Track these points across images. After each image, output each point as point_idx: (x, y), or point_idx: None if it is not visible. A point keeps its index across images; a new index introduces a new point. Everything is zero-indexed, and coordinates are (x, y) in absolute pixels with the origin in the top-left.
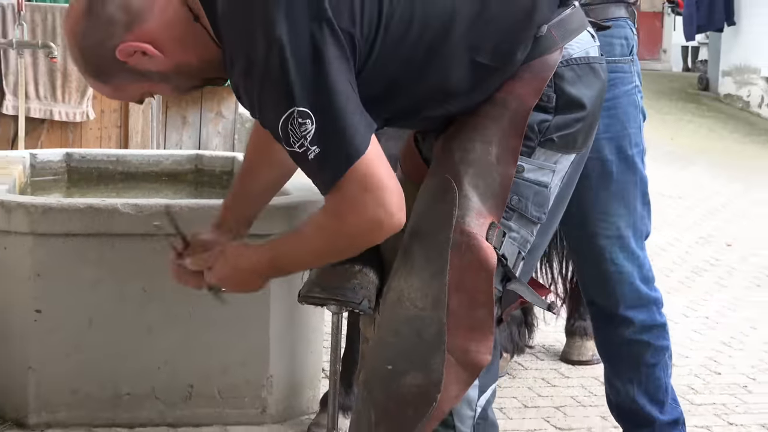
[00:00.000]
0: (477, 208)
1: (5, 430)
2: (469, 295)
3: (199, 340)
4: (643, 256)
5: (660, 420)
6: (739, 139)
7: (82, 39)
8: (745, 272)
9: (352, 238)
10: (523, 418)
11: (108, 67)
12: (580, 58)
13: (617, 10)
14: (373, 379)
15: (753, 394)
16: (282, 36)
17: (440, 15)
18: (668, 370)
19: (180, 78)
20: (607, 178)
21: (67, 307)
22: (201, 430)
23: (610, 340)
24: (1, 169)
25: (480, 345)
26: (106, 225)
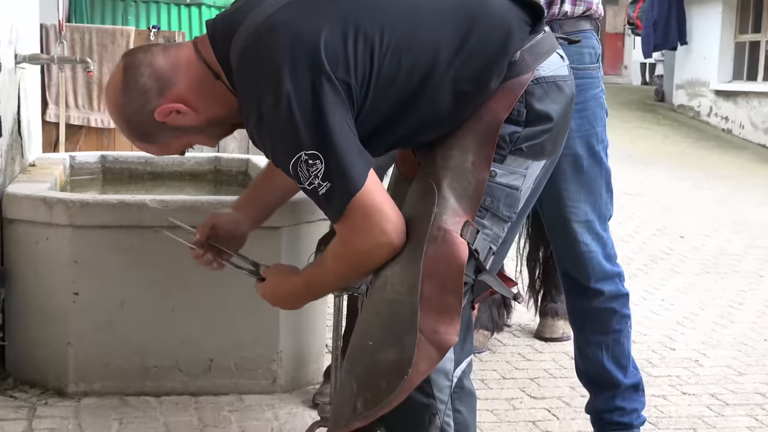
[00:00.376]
0: (453, 208)
1: (47, 398)
2: (441, 283)
3: (217, 319)
4: (606, 236)
5: (624, 383)
6: (690, 144)
7: (124, 110)
8: (695, 260)
9: (363, 259)
10: (501, 388)
11: (151, 130)
12: (548, 77)
13: (585, 23)
14: (355, 353)
15: (703, 367)
16: (288, 91)
17: (425, 55)
18: (630, 339)
19: (212, 128)
20: (579, 171)
21: (101, 290)
22: (219, 399)
23: (582, 309)
24: (44, 169)
25: (448, 327)
26: (135, 218)
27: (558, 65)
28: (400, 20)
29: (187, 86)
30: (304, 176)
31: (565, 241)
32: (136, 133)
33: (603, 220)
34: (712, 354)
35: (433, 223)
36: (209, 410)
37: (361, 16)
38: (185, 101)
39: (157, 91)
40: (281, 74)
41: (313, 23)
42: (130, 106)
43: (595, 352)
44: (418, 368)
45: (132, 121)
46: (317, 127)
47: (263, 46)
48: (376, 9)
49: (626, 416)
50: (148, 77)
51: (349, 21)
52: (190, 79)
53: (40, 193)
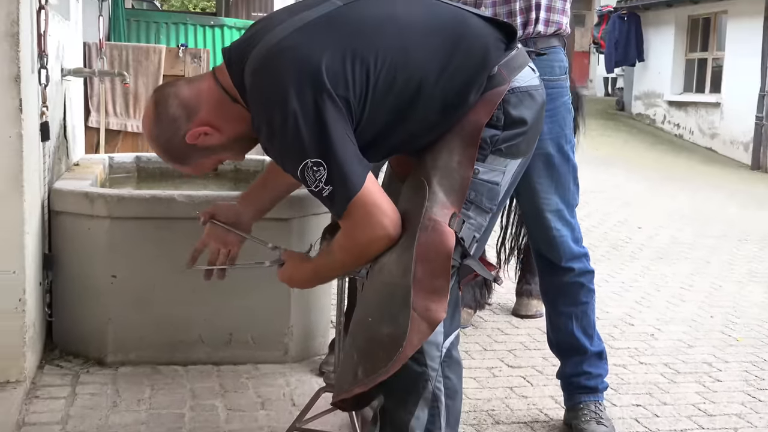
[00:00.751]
0: (442, 202)
1: (89, 367)
2: (431, 267)
3: (236, 299)
4: (574, 222)
5: (590, 350)
6: (646, 148)
7: (159, 137)
8: (651, 248)
9: (364, 250)
10: (483, 359)
11: (184, 152)
12: (522, 87)
13: (555, 40)
14: (357, 327)
15: (658, 340)
16: (295, 108)
17: (415, 71)
18: (594, 311)
19: (237, 143)
20: (550, 168)
21: (136, 273)
22: (238, 368)
23: (555, 285)
24: (87, 168)
25: (437, 305)
26: (165, 211)
27: (530, 77)
28: (392, 42)
29: (210, 111)
30: (311, 180)
31: (539, 228)
32: (172, 157)
33: (571, 208)
34: (665, 329)
35: (424, 214)
36: (229, 378)
37: (359, 40)
38: (210, 124)
39: (186, 118)
40: (288, 93)
41: (316, 48)
42: (163, 134)
43: (565, 322)
44: (412, 341)
45: (167, 147)
46: (320, 138)
47: (272, 68)
48: (372, 33)
49: (592, 380)
50: (176, 107)
51: (348, 45)
52: (212, 104)
53: (83, 189)
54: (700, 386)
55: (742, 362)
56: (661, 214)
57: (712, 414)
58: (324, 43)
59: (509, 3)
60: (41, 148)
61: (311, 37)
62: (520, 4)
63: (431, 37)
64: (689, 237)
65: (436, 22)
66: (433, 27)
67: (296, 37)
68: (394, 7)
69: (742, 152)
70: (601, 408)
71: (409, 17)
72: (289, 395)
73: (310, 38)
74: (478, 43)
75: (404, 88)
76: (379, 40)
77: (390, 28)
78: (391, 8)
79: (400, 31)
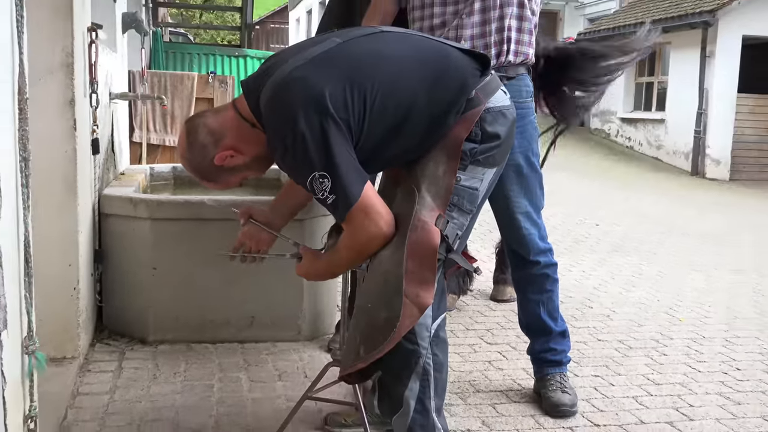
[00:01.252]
0: (430, 205)
1: (133, 345)
2: (420, 260)
3: (258, 287)
4: (540, 223)
5: (555, 330)
6: (602, 157)
7: (191, 161)
8: (607, 242)
9: (363, 248)
10: (465, 337)
11: (214, 173)
12: (496, 107)
13: (522, 69)
14: (359, 312)
15: (613, 320)
16: (303, 130)
17: (406, 97)
18: (558, 297)
19: (257, 162)
20: (520, 176)
21: (173, 266)
22: (259, 345)
23: (524, 276)
24: (131, 177)
25: (426, 293)
26: (197, 213)
27: (502, 98)
28: (385, 73)
29: (233, 137)
30: (318, 189)
31: (511, 228)
32: (203, 176)
33: (538, 211)
34: (619, 311)
35: (414, 216)
36: (251, 354)
37: (357, 72)
38: (234, 148)
39: (213, 144)
40: (298, 117)
41: (320, 79)
42: (195, 158)
43: (534, 307)
44: (404, 323)
45: (199, 169)
46: (325, 154)
47: (284, 96)
48: (367, 66)
49: (557, 355)
50: (205, 135)
51: (347, 76)
52: (234, 131)
53: (128, 195)
54: (649, 359)
55: (684, 339)
56: (615, 214)
57: (659, 383)
58: (327, 75)
59: (485, 37)
60: (92, 161)
61: (316, 70)
62: (494, 38)
63: (418, 68)
64: (639, 233)
65: (422, 55)
66: (420, 59)
67: (303, 70)
68: (386, 44)
69: (683, 161)
70: (565, 378)
71: (399, 52)
72: (302, 369)
73: (315, 71)
74: (457, 73)
75: (396, 111)
76: (374, 71)
77: (382, 61)
78: (383, 44)
79: (391, 63)
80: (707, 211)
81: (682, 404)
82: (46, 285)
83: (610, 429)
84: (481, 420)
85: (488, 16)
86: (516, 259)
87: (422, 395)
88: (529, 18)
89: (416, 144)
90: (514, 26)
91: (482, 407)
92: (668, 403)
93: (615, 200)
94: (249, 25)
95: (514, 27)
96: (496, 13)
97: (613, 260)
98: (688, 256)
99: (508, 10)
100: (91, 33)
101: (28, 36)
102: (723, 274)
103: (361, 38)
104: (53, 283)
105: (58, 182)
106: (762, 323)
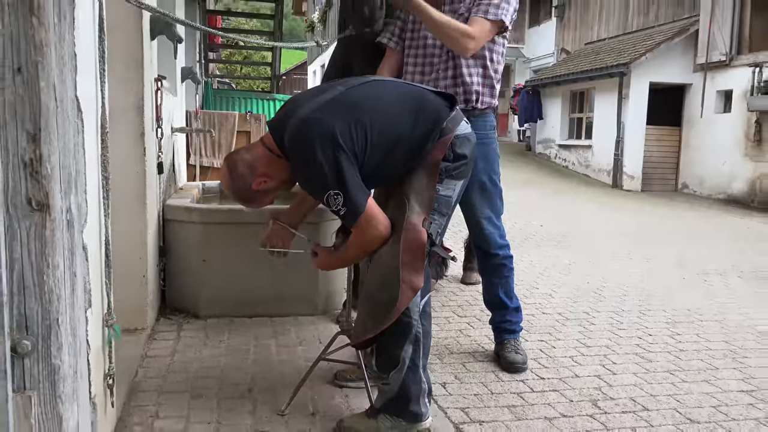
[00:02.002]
0: (417, 211)
1: (189, 319)
2: (413, 253)
3: (283, 274)
4: (500, 224)
5: (510, 306)
6: (545, 175)
7: (234, 188)
8: (549, 240)
9: (367, 247)
10: (441, 311)
11: (253, 197)
12: (462, 134)
13: (488, 110)
14: (366, 294)
15: (554, 298)
16: (320, 159)
17: (393, 132)
18: (513, 281)
19: (284, 184)
20: (484, 191)
21: (219, 258)
22: (284, 319)
23: (487, 265)
24: (187, 191)
25: (418, 278)
26: (237, 218)
27: (466, 128)
28: (380, 112)
29: (264, 166)
30: (333, 204)
31: (476, 228)
32: (244, 200)
33: (498, 216)
34: (558, 291)
35: (406, 220)
36: (279, 325)
37: (358, 113)
38: (266, 174)
39: (250, 174)
40: (316, 150)
41: (331, 120)
42: (237, 186)
43: (494, 288)
44: (402, 302)
45: (241, 194)
46: (338, 177)
47: (304, 134)
48: (367, 107)
49: (512, 326)
50: (243, 168)
51: (351, 117)
52: (264, 162)
53: (185, 204)
54: (581, 327)
55: (608, 312)
56: (555, 217)
57: (589, 345)
58: (336, 116)
59: (456, 87)
60: (158, 179)
61: (328, 113)
62: (463, 96)
63: (402, 107)
64: (573, 232)
65: (404, 98)
66: (403, 101)
67: (318, 113)
68: (378, 90)
69: (606, 176)
70: (518, 343)
71: (388, 98)
72: (318, 336)
73: (328, 114)
74: (432, 109)
75: (388, 141)
76: (371, 112)
77: (377, 104)
78: (375, 91)
79: (383, 105)
80: (624, 214)
81: (607, 362)
82: (123, 274)
83: (553, 381)
84: (454, 375)
85: (457, 80)
86: (480, 252)
87: (414, 356)
88: (491, 77)
89: (403, 165)
90: (478, 84)
91: (455, 365)
92: (596, 360)
93: (555, 207)
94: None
95: (479, 85)
96: (465, 77)
97: (553, 253)
98: (610, 248)
99: (474, 72)
100: (158, 82)
101: (109, 84)
102: (636, 262)
103: (358, 86)
104: (128, 272)
105: (132, 195)
106: (667, 299)
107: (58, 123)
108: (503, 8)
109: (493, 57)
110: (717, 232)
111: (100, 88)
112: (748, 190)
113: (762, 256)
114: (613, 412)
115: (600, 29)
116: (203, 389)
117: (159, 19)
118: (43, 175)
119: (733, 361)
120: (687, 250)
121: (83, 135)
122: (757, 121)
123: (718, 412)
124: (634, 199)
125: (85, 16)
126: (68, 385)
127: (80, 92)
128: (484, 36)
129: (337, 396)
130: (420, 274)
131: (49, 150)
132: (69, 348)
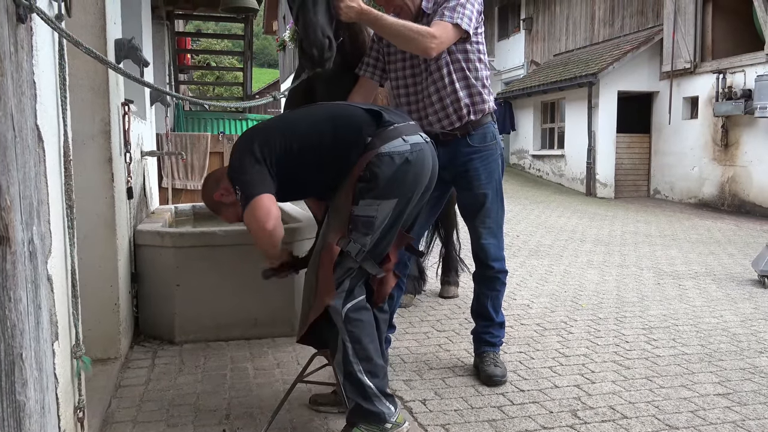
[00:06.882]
0: (335, 229)
1: (163, 346)
2: (325, 269)
3: (260, 296)
4: (500, 236)
5: (495, 320)
6: (519, 184)
7: (205, 198)
8: (525, 249)
9: (253, 231)
10: (420, 326)
11: (217, 207)
12: (385, 153)
13: (486, 118)
14: (302, 304)
15: (532, 308)
16: (247, 169)
17: (310, 144)
18: (503, 296)
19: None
20: (488, 204)
21: (193, 282)
22: (261, 341)
23: (483, 275)
24: (160, 215)
25: (328, 291)
26: (210, 241)
27: (398, 145)
28: (302, 125)
29: (227, 181)
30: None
31: (477, 239)
32: (212, 209)
33: (499, 227)
34: (536, 301)
35: (323, 238)
36: (256, 348)
37: (284, 127)
38: (226, 189)
39: (215, 186)
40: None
41: (256, 137)
42: (205, 195)
43: (484, 299)
44: (317, 306)
45: (208, 203)
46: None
47: (236, 146)
48: (292, 122)
49: (493, 338)
50: (211, 182)
51: (269, 132)
52: (225, 180)
53: (156, 229)
54: (560, 337)
55: (586, 320)
56: (531, 226)
57: (567, 355)
58: (261, 134)
59: (448, 116)
60: (128, 204)
61: (256, 130)
62: (454, 115)
63: (325, 120)
64: (549, 240)
65: (331, 114)
66: (329, 117)
67: (247, 132)
68: (312, 110)
69: (579, 185)
70: (497, 356)
71: (316, 116)
72: (295, 358)
73: (255, 130)
74: (355, 123)
75: (303, 155)
76: (290, 127)
77: (302, 120)
78: (309, 110)
79: (307, 119)
80: (598, 221)
81: (586, 371)
82: (93, 302)
83: (532, 393)
84: (434, 391)
85: (444, 101)
86: (478, 263)
87: (345, 361)
88: (474, 85)
89: (330, 176)
90: (465, 96)
91: (435, 381)
92: (575, 370)
93: (530, 216)
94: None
95: (466, 96)
96: (450, 95)
97: (530, 262)
98: (586, 256)
99: (458, 87)
100: (125, 107)
101: (74, 110)
102: (612, 269)
103: (301, 108)
104: (99, 300)
105: (100, 222)
106: (643, 305)
107: (17, 153)
108: (459, 12)
109: (470, 66)
110: (689, 236)
111: (62, 116)
112: (718, 193)
113: (733, 258)
114: (593, 421)
115: (568, 41)
116: (179, 417)
117: (123, 44)
118: (3, 207)
119: (709, 364)
120: (661, 255)
121: (45, 164)
122: (723, 125)
123: (696, 417)
124: (607, 206)
125: (44, 44)
126: (35, 422)
127: (40, 121)
128: (446, 36)
129: (316, 419)
130: (330, 288)
131: (8, 181)
132: (35, 383)
